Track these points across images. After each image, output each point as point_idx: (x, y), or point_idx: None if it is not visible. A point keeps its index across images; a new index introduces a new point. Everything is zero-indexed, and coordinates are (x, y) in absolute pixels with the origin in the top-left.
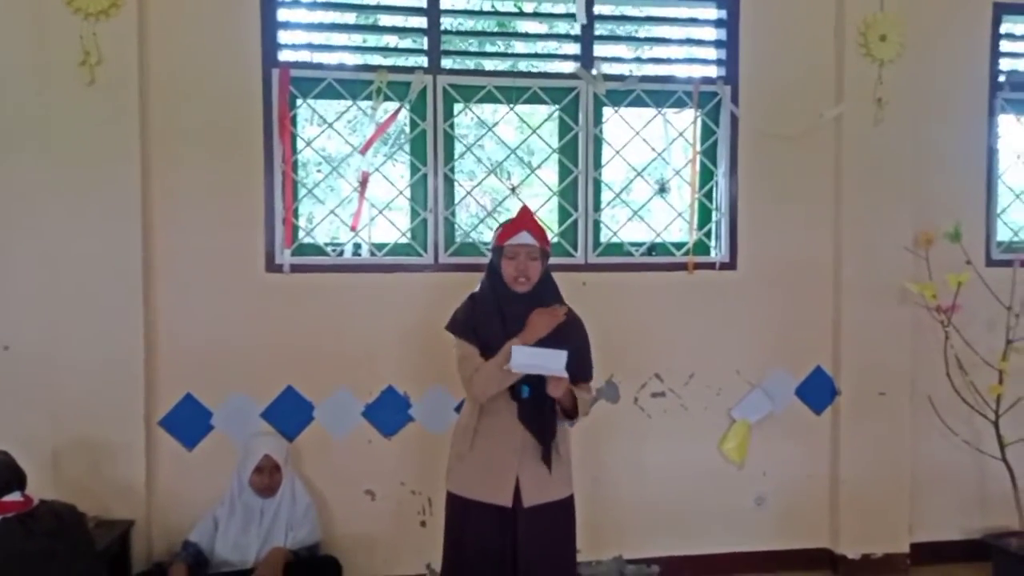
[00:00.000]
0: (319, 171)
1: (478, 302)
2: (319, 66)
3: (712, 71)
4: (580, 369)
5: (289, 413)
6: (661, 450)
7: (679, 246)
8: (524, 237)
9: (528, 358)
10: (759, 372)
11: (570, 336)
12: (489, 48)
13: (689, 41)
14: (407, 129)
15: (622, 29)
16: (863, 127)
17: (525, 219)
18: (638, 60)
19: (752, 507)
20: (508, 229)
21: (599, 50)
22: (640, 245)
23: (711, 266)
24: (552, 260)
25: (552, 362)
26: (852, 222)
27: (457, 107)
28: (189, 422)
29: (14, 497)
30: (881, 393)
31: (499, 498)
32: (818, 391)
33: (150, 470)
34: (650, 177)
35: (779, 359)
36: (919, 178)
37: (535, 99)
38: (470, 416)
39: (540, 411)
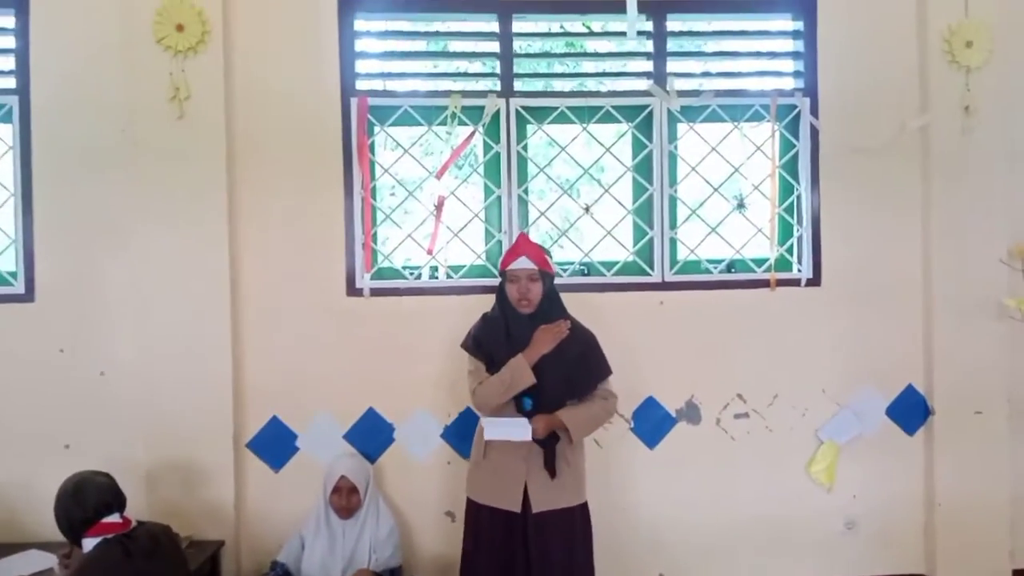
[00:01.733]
0: (391, 194)
1: (488, 322)
2: (395, 94)
3: (789, 83)
4: (584, 381)
5: (371, 434)
6: (746, 473)
7: (759, 263)
8: (523, 262)
9: (498, 428)
10: (847, 392)
11: (571, 346)
12: (560, 68)
13: (765, 53)
14: (480, 152)
15: (695, 44)
16: (951, 136)
17: (522, 245)
18: (712, 75)
19: (842, 531)
20: (508, 255)
21: (672, 66)
22: (719, 262)
23: (794, 282)
24: (628, 279)
25: (517, 430)
26: (942, 235)
27: (530, 128)
28: (275, 444)
29: (114, 518)
30: (977, 412)
31: (508, 503)
32: (910, 411)
33: (239, 491)
34: (728, 193)
35: (868, 378)
36: (1012, 188)
37: (608, 118)
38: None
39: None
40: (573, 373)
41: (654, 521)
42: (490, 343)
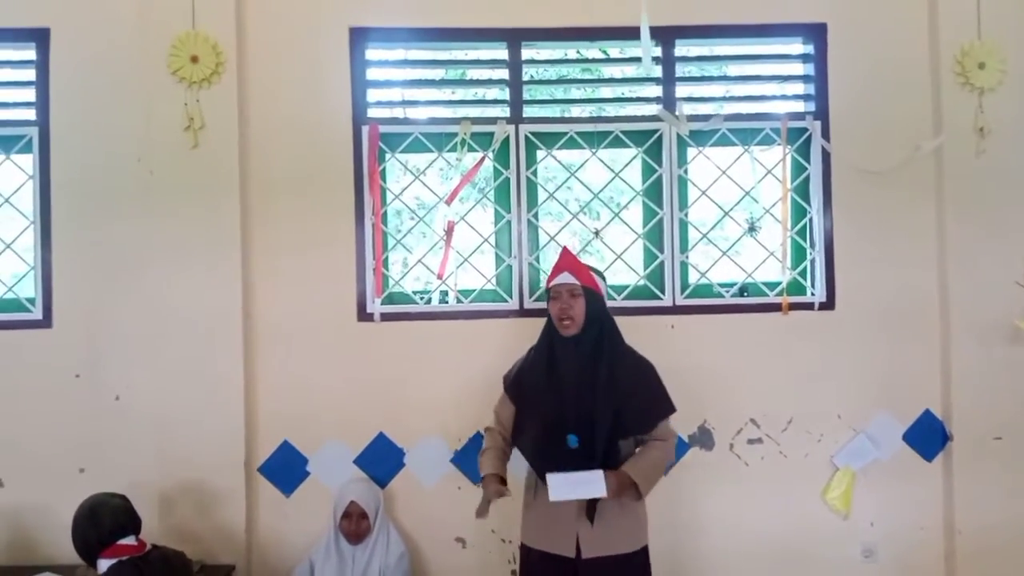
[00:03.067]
0: (411, 219)
1: (531, 355)
2: (406, 121)
3: (800, 106)
4: (638, 415)
5: (381, 459)
6: (759, 499)
7: (772, 286)
8: (564, 277)
9: (566, 487)
10: (863, 417)
11: (624, 377)
12: (572, 94)
13: (775, 77)
14: (491, 177)
15: (704, 68)
16: (965, 158)
17: (565, 260)
18: (722, 99)
19: (860, 560)
20: (552, 272)
21: (682, 91)
22: (730, 286)
23: (808, 306)
24: (639, 303)
25: (591, 487)
26: (958, 258)
27: (539, 154)
28: (286, 469)
29: (129, 541)
30: (997, 438)
31: (560, 548)
32: (928, 436)
33: (250, 516)
34: (739, 216)
35: (884, 403)
36: None
37: (617, 143)
38: (530, 467)
39: (589, 460)
40: (625, 408)
41: (666, 549)
42: (529, 379)
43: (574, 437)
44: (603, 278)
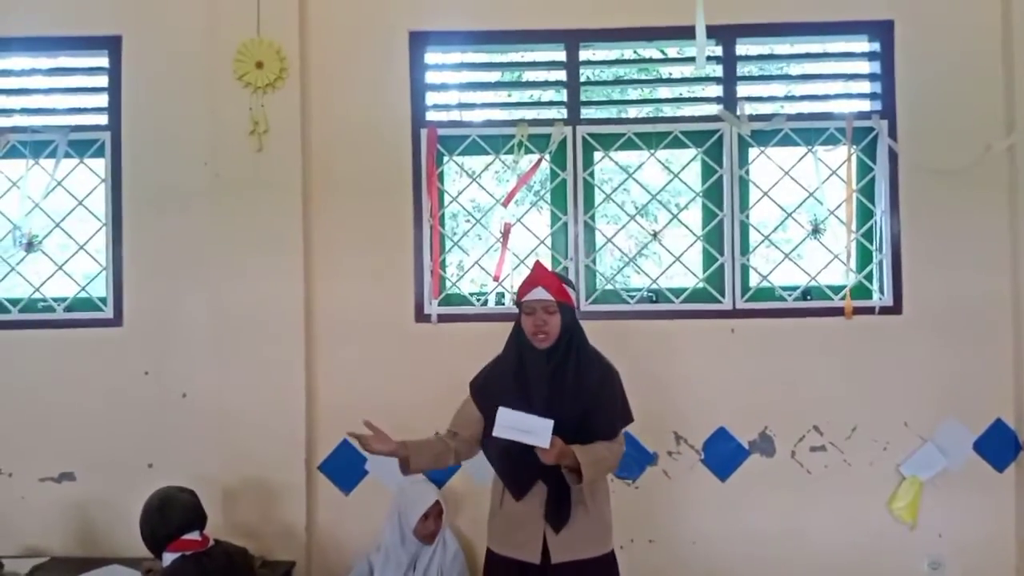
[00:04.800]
0: (467, 221)
1: (499, 364)
2: (464, 123)
3: (866, 105)
4: (601, 421)
5: None
6: (823, 508)
7: (836, 290)
8: (539, 293)
9: (511, 424)
10: (930, 425)
11: (587, 385)
12: (629, 94)
13: (840, 76)
14: (548, 179)
15: (767, 67)
16: None
17: (539, 275)
18: (785, 98)
19: (927, 572)
20: (524, 285)
21: (743, 90)
22: (793, 289)
23: (871, 310)
24: (698, 306)
25: (536, 433)
26: None
27: (597, 155)
28: (346, 467)
29: (193, 536)
30: None
31: (526, 555)
32: (999, 446)
33: (310, 513)
34: (802, 218)
35: (953, 411)
36: None
37: (676, 143)
38: (498, 475)
39: (558, 469)
40: (592, 410)
41: (725, 556)
42: (494, 389)
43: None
44: (573, 287)
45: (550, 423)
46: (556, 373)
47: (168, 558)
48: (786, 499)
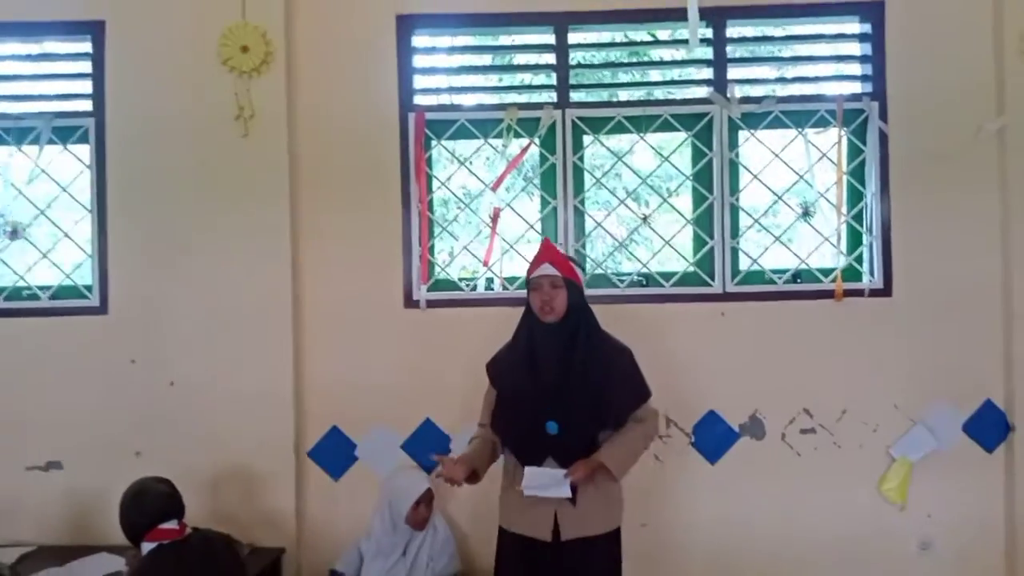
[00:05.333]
0: (459, 208)
1: (512, 346)
2: (452, 107)
3: (857, 87)
4: (615, 400)
5: (428, 446)
6: (813, 490)
7: (826, 273)
8: (546, 268)
9: (537, 483)
10: (920, 407)
11: (598, 364)
12: (619, 78)
13: (831, 58)
14: (537, 164)
15: (757, 50)
16: None
17: (545, 251)
18: (776, 80)
19: (917, 553)
20: (532, 264)
21: (733, 73)
22: (783, 272)
23: (861, 292)
24: (688, 290)
25: (557, 488)
26: (1023, 241)
27: (587, 139)
28: (335, 454)
29: (170, 525)
30: None
31: (538, 532)
32: (989, 427)
33: (299, 500)
34: (793, 201)
35: (943, 392)
36: None
37: (666, 127)
38: (509, 452)
39: (568, 447)
40: (600, 399)
41: (715, 539)
42: (511, 369)
43: (553, 424)
44: (583, 268)
45: (562, 475)
46: (566, 349)
47: (146, 548)
48: (776, 482)
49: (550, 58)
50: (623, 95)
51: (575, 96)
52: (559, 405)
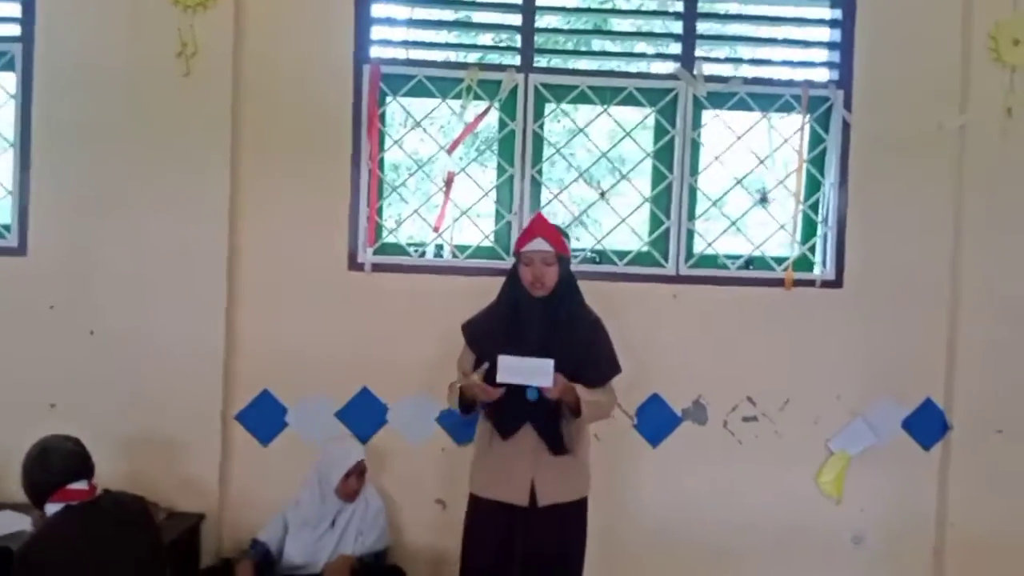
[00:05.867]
0: (409, 174)
1: (493, 310)
2: (410, 63)
3: (823, 74)
4: (592, 371)
5: (363, 415)
6: (751, 478)
7: (780, 260)
8: (538, 243)
9: (514, 369)
10: (862, 401)
11: (579, 336)
12: (584, 47)
13: (799, 42)
14: (495, 130)
15: (726, 29)
16: (989, 139)
17: (539, 225)
18: (743, 61)
19: (849, 545)
20: (523, 236)
21: (701, 50)
22: (737, 258)
23: (811, 283)
24: (641, 270)
25: (538, 374)
26: (974, 241)
27: (548, 107)
28: (264, 418)
29: (79, 485)
30: (998, 431)
31: (515, 497)
32: (927, 424)
33: (224, 465)
34: (751, 186)
35: (885, 387)
36: None
37: (630, 100)
38: (486, 418)
39: (547, 413)
40: (582, 364)
41: (655, 521)
42: (489, 335)
43: (534, 390)
44: (567, 236)
45: (550, 362)
46: (550, 321)
47: (51, 509)
48: (716, 468)
49: (515, 19)
50: (588, 64)
51: (539, 61)
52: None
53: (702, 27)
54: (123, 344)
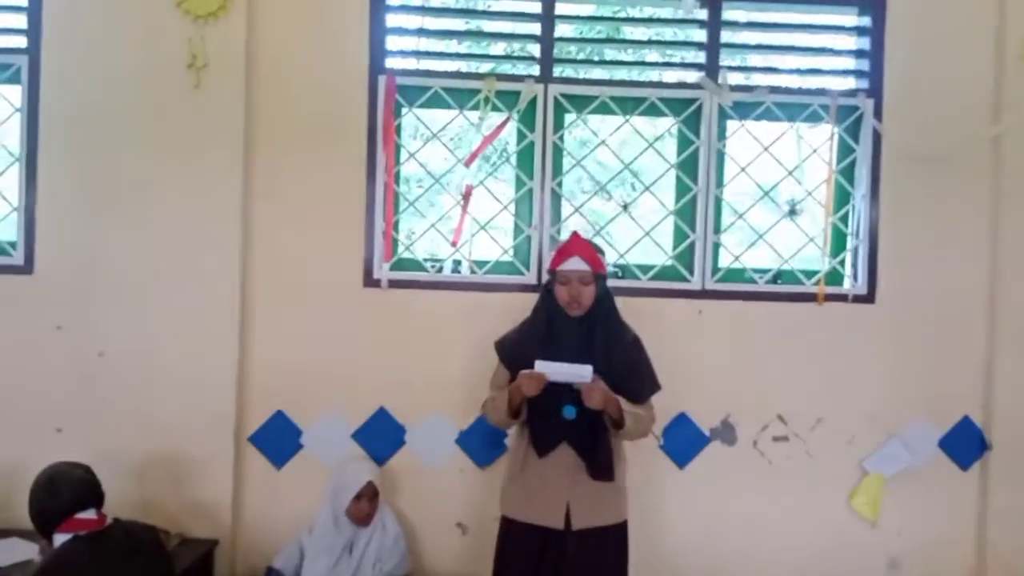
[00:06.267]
0: (420, 186)
1: (527, 327)
2: (426, 73)
3: (852, 83)
4: (632, 389)
5: (380, 436)
6: (782, 501)
7: (809, 275)
8: (575, 263)
9: (552, 374)
10: (897, 420)
11: (618, 355)
12: (605, 56)
13: (827, 50)
14: (513, 141)
15: (752, 37)
16: None
17: (576, 244)
18: (769, 70)
19: (884, 570)
20: (560, 254)
21: (726, 59)
22: (765, 272)
23: (843, 298)
24: (666, 285)
25: (578, 374)
26: (1011, 254)
27: (568, 118)
28: (279, 440)
29: (88, 515)
30: None
31: (549, 520)
32: (965, 444)
33: (237, 489)
34: (779, 198)
35: (921, 406)
36: None
37: (653, 111)
38: (519, 436)
39: (587, 432)
40: (621, 382)
41: (680, 545)
42: (523, 352)
43: (571, 408)
44: (602, 253)
45: (589, 367)
46: (586, 339)
47: (59, 539)
48: (745, 490)
49: (534, 28)
50: (609, 74)
51: (559, 71)
52: (577, 390)
53: (726, 36)
54: (132, 365)
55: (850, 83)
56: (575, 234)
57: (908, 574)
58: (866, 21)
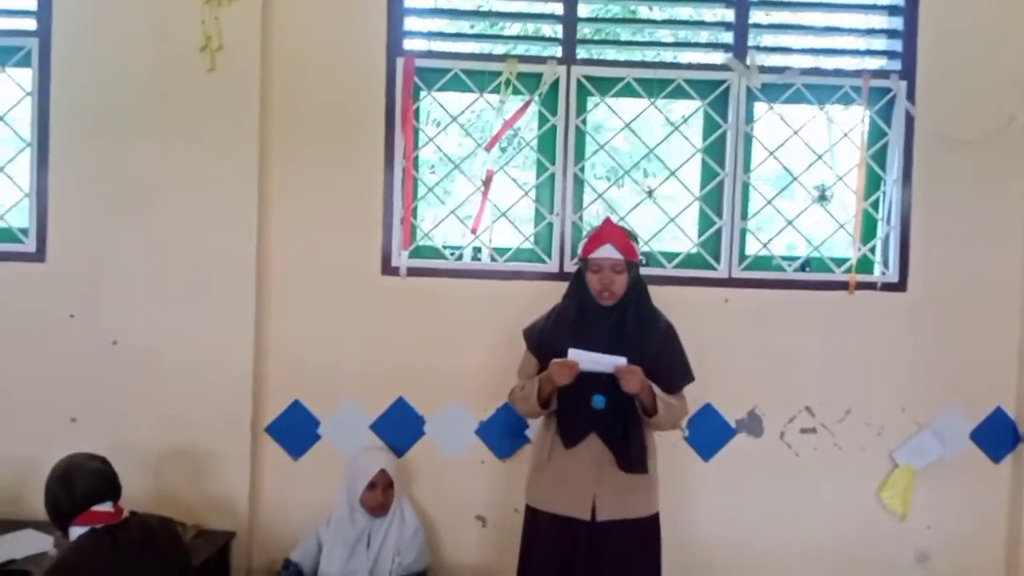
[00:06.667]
0: (431, 172)
1: (556, 315)
2: (445, 55)
3: (885, 64)
4: (664, 379)
5: (399, 426)
6: (809, 493)
7: (839, 262)
8: (608, 250)
9: (585, 362)
10: (928, 411)
11: (650, 344)
12: (629, 37)
13: (859, 30)
14: (535, 125)
15: (781, 16)
16: None
17: (609, 231)
18: (799, 51)
19: (913, 564)
20: (592, 241)
21: (754, 39)
22: (793, 259)
23: (874, 286)
24: (691, 273)
25: (611, 361)
26: None
27: (591, 101)
28: (296, 430)
29: (104, 507)
30: None
31: (575, 511)
32: (997, 436)
33: (254, 480)
34: (808, 183)
35: (952, 397)
36: None
37: (679, 93)
38: (545, 427)
39: (617, 423)
40: (653, 372)
41: (705, 539)
42: (553, 340)
43: (600, 397)
44: (636, 239)
45: (623, 359)
46: (617, 327)
47: (75, 532)
48: (771, 482)
49: (556, 7)
50: (634, 55)
51: (582, 53)
52: (607, 379)
53: (755, 15)
54: (147, 354)
55: (883, 64)
56: (607, 220)
57: (937, 568)
58: (899, 0)
